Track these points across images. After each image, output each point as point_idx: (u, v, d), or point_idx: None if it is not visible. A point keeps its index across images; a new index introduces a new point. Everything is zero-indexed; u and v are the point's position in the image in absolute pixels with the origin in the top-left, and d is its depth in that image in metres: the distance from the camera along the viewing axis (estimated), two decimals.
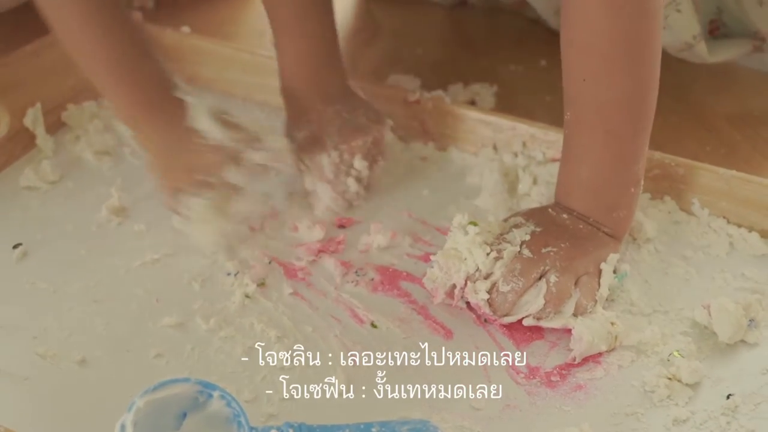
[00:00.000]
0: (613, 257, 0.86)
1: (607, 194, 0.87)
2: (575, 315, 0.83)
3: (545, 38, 1.25)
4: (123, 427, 0.66)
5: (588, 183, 0.87)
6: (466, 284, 0.84)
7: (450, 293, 0.85)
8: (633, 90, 0.85)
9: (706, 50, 1.08)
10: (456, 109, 1.02)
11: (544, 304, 0.82)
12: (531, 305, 0.83)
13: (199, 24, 1.23)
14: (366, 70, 1.19)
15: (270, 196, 0.97)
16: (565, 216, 0.88)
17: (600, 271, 0.85)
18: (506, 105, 1.14)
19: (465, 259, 0.84)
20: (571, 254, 0.84)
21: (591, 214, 0.87)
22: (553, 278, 0.83)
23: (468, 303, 0.85)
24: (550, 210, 0.89)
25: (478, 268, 0.83)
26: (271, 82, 1.08)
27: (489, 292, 0.83)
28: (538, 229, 0.86)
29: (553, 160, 0.97)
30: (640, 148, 0.88)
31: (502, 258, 0.83)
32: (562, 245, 0.85)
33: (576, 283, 0.84)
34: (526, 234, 0.86)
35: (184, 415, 0.69)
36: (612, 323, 0.82)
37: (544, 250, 0.84)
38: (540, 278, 0.83)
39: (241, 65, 1.09)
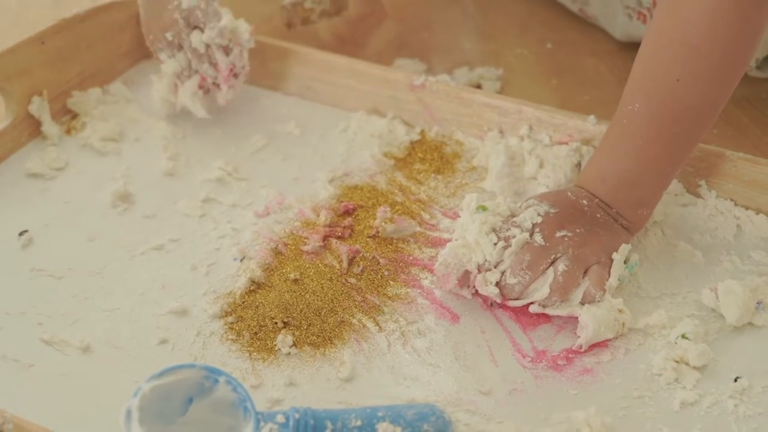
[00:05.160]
0: (625, 247, 0.85)
1: (643, 191, 0.87)
2: (583, 303, 0.82)
3: (551, 21, 1.25)
4: (129, 412, 0.66)
5: (628, 175, 0.86)
6: (479, 272, 0.83)
7: (462, 280, 0.84)
8: (718, 100, 0.84)
9: None
10: (461, 93, 1.02)
11: (550, 293, 0.82)
12: (538, 292, 0.82)
13: None
14: (372, 54, 1.18)
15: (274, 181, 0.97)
16: (584, 202, 0.87)
17: (611, 261, 0.84)
18: (512, 88, 1.13)
19: (473, 249, 0.83)
20: (584, 241, 0.84)
21: (616, 205, 0.86)
22: (561, 267, 0.82)
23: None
24: (569, 193, 0.88)
25: (486, 259, 0.83)
26: (274, 67, 1.08)
27: (497, 281, 0.82)
28: (553, 210, 0.85)
29: (560, 143, 0.97)
30: (689, 154, 0.88)
31: (510, 246, 0.83)
32: (577, 230, 0.84)
33: (585, 272, 0.83)
34: (539, 215, 0.84)
35: (191, 400, 0.69)
36: (620, 310, 0.82)
37: (558, 234, 0.83)
38: (549, 266, 0.83)
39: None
